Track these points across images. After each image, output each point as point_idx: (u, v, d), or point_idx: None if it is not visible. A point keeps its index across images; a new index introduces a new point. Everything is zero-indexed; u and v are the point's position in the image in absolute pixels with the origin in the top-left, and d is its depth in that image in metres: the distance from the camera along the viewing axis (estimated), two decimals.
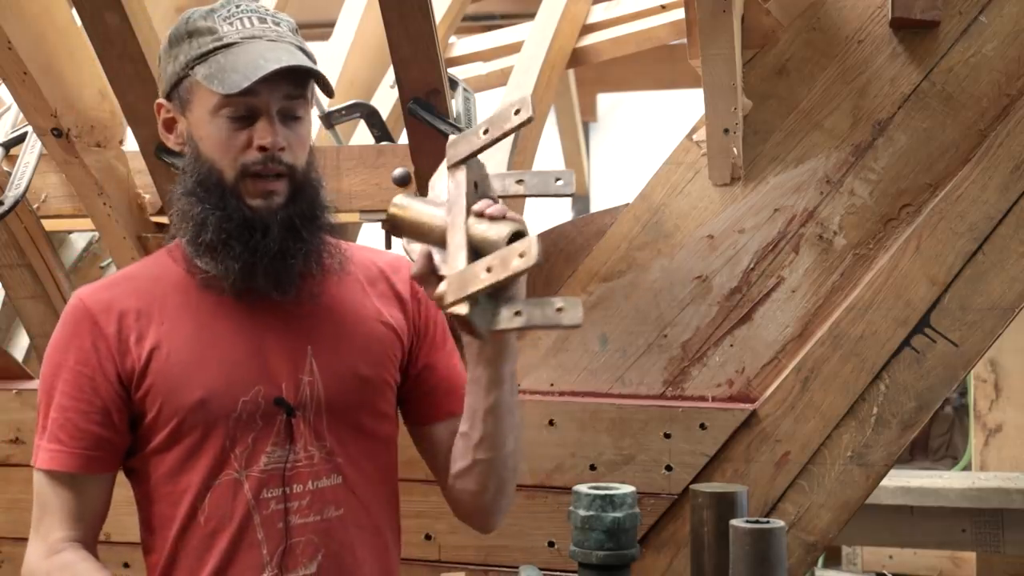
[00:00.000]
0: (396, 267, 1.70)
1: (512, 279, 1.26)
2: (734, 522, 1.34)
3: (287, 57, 1.51)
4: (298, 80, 1.53)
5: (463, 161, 1.41)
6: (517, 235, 1.35)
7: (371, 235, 3.24)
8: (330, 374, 1.58)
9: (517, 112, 1.36)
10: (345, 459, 1.58)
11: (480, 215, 1.39)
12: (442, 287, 1.32)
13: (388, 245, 2.13)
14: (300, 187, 1.55)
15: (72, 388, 1.54)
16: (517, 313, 1.29)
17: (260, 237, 1.52)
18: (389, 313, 1.65)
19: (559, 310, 1.25)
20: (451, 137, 1.46)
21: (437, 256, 1.42)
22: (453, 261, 1.35)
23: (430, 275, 1.43)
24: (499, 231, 1.36)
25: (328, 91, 1.60)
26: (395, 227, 1.46)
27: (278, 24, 1.56)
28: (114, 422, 1.55)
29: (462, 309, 1.30)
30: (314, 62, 1.56)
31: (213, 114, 1.52)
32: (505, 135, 1.37)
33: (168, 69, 1.57)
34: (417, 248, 1.46)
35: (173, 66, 1.56)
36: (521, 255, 1.24)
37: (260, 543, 1.53)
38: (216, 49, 1.52)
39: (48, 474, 1.57)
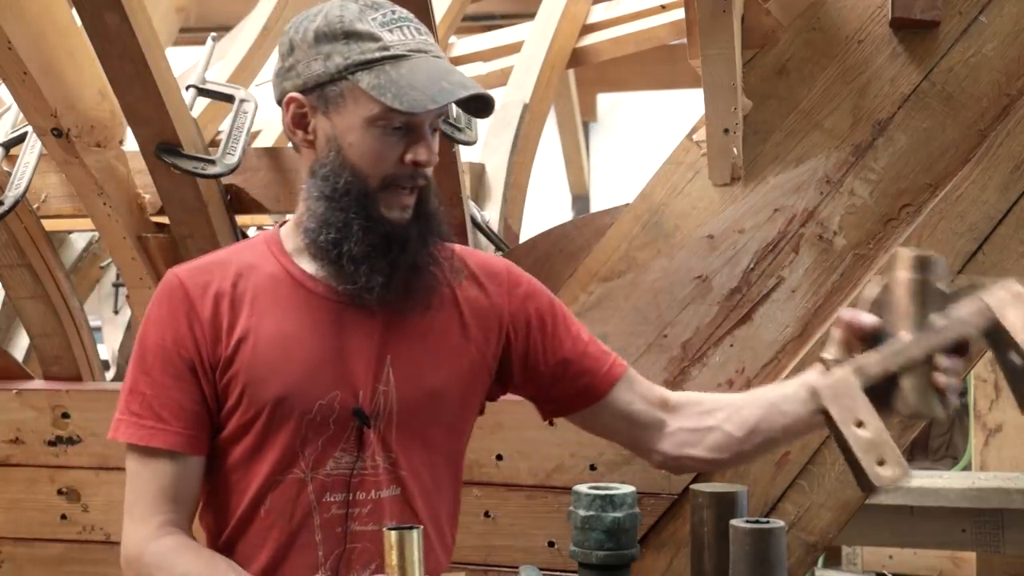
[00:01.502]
0: (493, 272, 1.69)
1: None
2: (734, 522, 1.34)
3: (468, 83, 1.51)
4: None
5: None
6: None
7: None
8: (405, 386, 1.57)
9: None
10: (408, 471, 1.59)
11: (936, 365, 1.41)
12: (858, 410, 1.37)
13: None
14: (425, 196, 1.56)
15: (172, 368, 1.54)
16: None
17: (399, 251, 1.52)
18: (477, 324, 1.64)
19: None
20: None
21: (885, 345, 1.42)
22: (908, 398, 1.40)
23: (856, 341, 1.45)
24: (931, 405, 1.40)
25: (486, 113, 1.60)
26: (887, 289, 1.45)
27: (429, 36, 1.56)
28: (209, 405, 1.56)
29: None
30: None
31: (370, 123, 1.50)
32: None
33: (314, 65, 1.51)
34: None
35: (323, 64, 1.51)
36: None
37: (317, 544, 1.55)
38: (384, 59, 1.49)
39: (146, 452, 1.55)
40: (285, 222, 1.66)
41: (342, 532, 1.55)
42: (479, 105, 1.57)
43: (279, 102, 1.58)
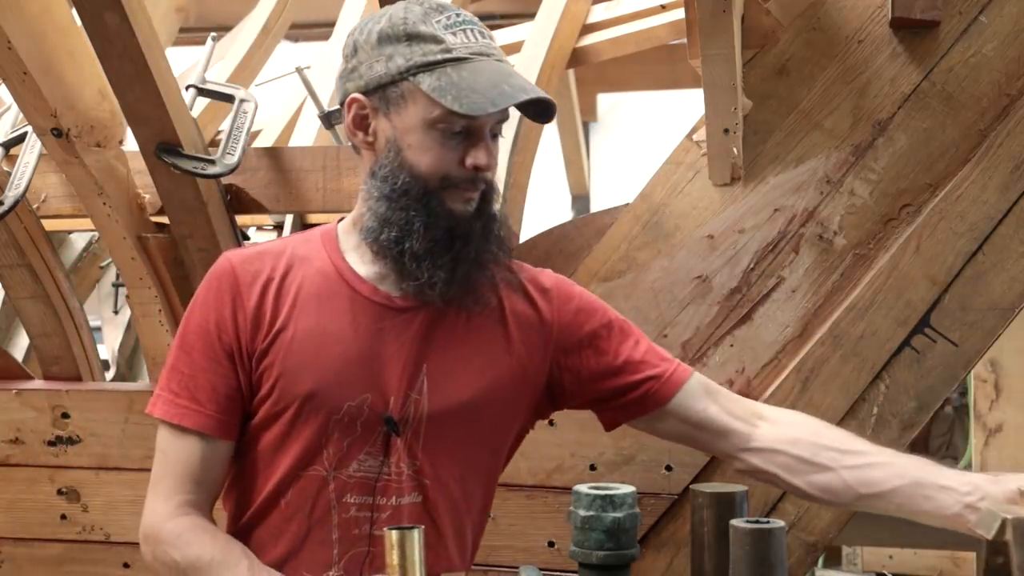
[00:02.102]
0: (543, 287, 1.68)
1: None
2: (734, 522, 1.34)
3: (528, 87, 1.51)
4: None
5: None
6: None
7: None
8: (438, 396, 1.57)
9: None
10: (433, 481, 1.58)
11: None
12: None
13: None
14: (488, 196, 1.56)
15: (212, 351, 1.55)
16: None
17: (461, 245, 1.52)
18: (522, 338, 1.63)
19: None
20: None
21: None
22: None
23: None
24: None
25: (548, 118, 1.59)
26: None
27: (493, 40, 1.56)
28: (243, 392, 1.57)
29: None
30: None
31: (430, 125, 1.50)
32: None
33: (376, 67, 1.52)
34: None
35: (385, 66, 1.51)
36: None
37: (333, 543, 1.55)
38: (446, 61, 1.49)
39: (178, 430, 1.56)
40: (343, 217, 1.66)
41: (359, 534, 1.56)
42: (539, 109, 1.56)
43: (341, 103, 1.58)
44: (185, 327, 1.59)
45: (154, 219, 2.29)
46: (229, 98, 2.32)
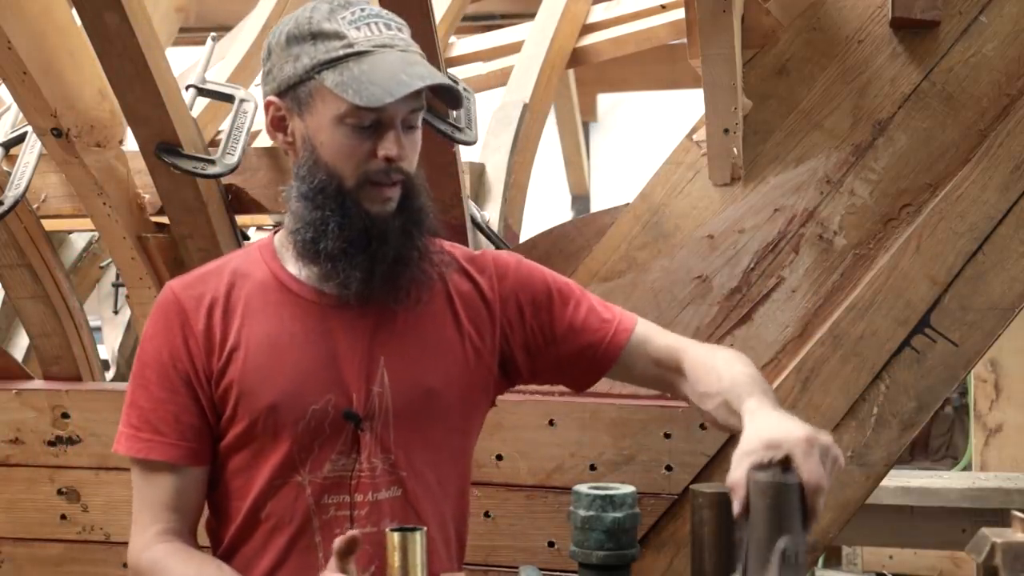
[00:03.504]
0: (481, 265, 1.69)
1: None
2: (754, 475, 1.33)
3: (427, 73, 1.50)
4: (422, 94, 1.52)
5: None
6: None
7: None
8: (400, 385, 1.57)
9: None
10: (409, 472, 1.58)
11: None
12: None
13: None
14: (410, 192, 1.55)
15: (168, 382, 1.55)
16: None
17: (378, 244, 1.52)
18: (470, 319, 1.64)
19: None
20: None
21: None
22: None
23: None
24: None
25: (456, 104, 1.59)
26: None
27: (402, 30, 1.55)
28: (208, 417, 1.56)
29: None
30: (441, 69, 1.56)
31: (338, 122, 1.50)
32: None
33: (286, 68, 1.53)
34: None
35: (293, 66, 1.52)
36: None
37: (317, 547, 1.55)
38: (347, 56, 1.49)
39: (146, 464, 1.57)
40: (278, 228, 1.66)
41: (340, 533, 1.55)
42: (446, 95, 1.56)
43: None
44: (140, 361, 1.59)
45: (154, 219, 2.29)
46: (229, 98, 2.32)
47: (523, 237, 2.33)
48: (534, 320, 1.67)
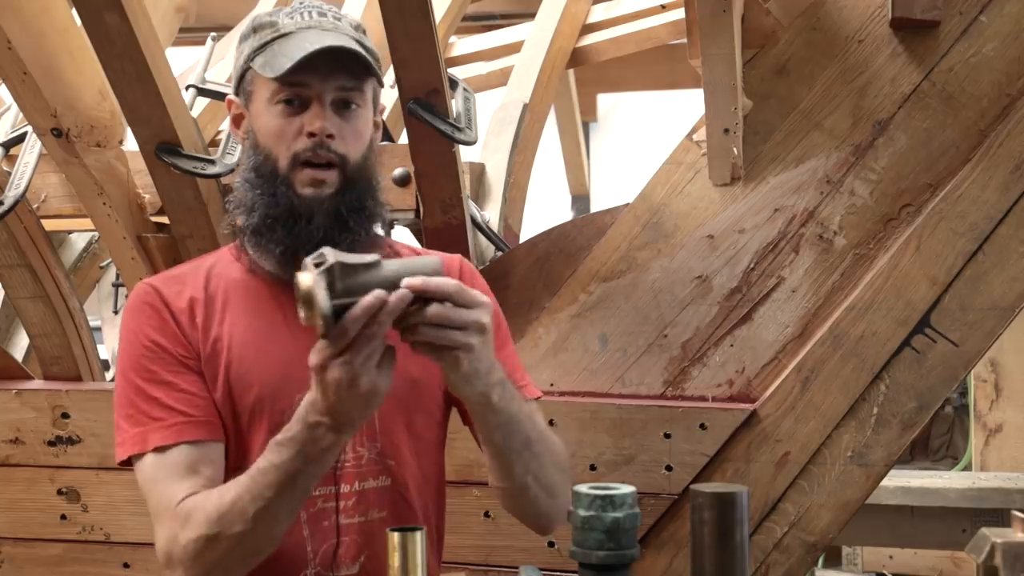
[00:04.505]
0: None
1: None
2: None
3: (332, 40, 1.51)
4: (355, 72, 1.54)
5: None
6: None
7: None
8: None
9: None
10: (396, 461, 1.58)
11: None
12: None
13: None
14: (352, 179, 1.55)
15: (172, 366, 1.52)
16: None
17: (304, 224, 1.52)
18: None
19: None
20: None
21: None
22: None
23: None
24: None
25: (378, 79, 1.59)
26: None
27: (339, 19, 1.58)
28: (211, 392, 1.54)
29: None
30: (375, 58, 1.56)
31: (269, 103, 1.54)
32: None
33: (236, 65, 1.60)
34: None
35: (238, 61, 1.59)
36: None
37: (305, 539, 1.54)
38: (274, 39, 1.54)
39: (164, 452, 1.48)
40: None
41: (328, 525, 1.54)
42: (351, 62, 1.53)
43: None
44: (128, 361, 1.53)
45: (154, 219, 2.29)
46: None
47: (523, 237, 2.33)
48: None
